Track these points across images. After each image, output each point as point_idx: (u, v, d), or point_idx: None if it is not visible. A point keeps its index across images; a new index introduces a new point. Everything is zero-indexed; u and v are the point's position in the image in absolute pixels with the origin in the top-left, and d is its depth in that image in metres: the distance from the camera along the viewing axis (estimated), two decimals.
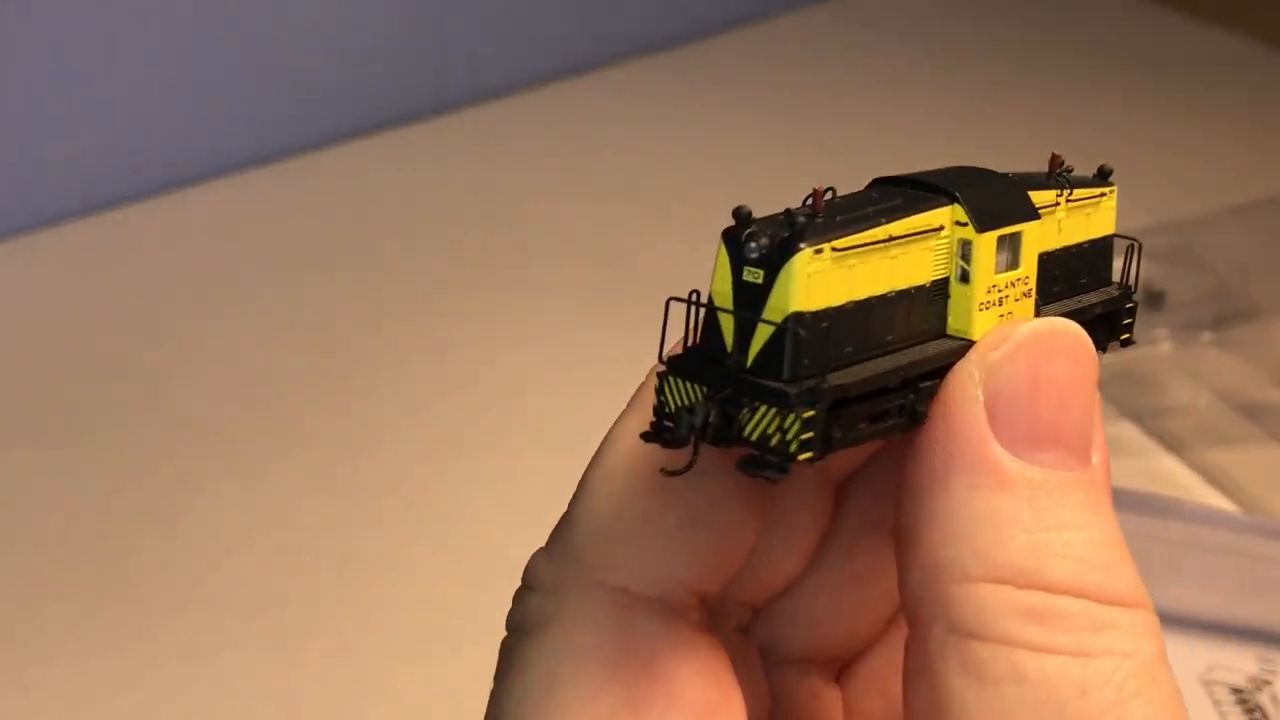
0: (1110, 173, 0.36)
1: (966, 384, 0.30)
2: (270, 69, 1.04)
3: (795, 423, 0.28)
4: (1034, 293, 0.33)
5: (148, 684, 0.64)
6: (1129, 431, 0.76)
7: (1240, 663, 0.62)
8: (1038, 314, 0.33)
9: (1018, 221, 0.32)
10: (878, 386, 0.30)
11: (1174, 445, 0.75)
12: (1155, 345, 0.79)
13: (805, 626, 0.36)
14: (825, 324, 0.29)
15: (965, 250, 0.31)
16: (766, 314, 0.29)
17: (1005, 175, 0.33)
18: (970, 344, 0.31)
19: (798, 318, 0.29)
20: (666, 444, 0.29)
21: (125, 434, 0.78)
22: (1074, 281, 0.35)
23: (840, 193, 0.32)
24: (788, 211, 0.29)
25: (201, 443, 0.78)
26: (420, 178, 1.03)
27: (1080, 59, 1.20)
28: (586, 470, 0.33)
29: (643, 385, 0.32)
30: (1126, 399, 0.77)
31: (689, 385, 0.29)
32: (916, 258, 0.31)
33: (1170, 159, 1.06)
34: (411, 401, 0.81)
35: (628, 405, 0.32)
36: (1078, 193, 0.35)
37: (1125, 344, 0.36)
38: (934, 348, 0.31)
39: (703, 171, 1.04)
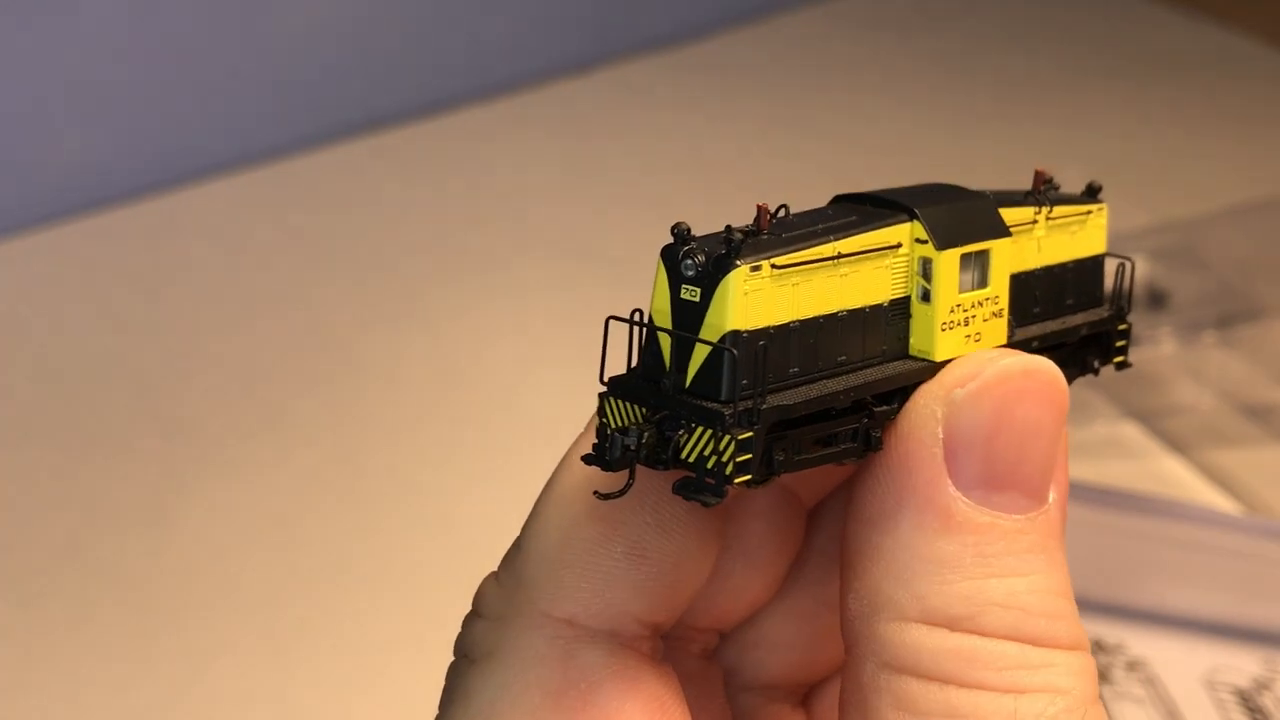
0: (1099, 190, 0.35)
1: (927, 420, 0.29)
2: (270, 69, 1.04)
3: (730, 444, 0.27)
4: (1006, 313, 0.32)
5: (145, 685, 0.64)
6: (1132, 432, 0.76)
7: (1244, 664, 0.62)
8: (1011, 335, 0.32)
9: (985, 239, 0.31)
10: (822, 408, 0.29)
11: (1177, 446, 0.75)
12: (1158, 345, 0.79)
13: (772, 652, 0.36)
14: (764, 343, 0.28)
15: (926, 268, 0.31)
16: (703, 333, 0.28)
17: (977, 192, 0.32)
18: (932, 365, 0.30)
19: (734, 336, 0.28)
20: (606, 467, 0.28)
21: (122, 434, 0.78)
22: (1059, 302, 0.34)
23: (807, 207, 0.31)
24: (728, 228, 0.28)
25: (200, 443, 0.78)
26: (420, 178, 1.03)
27: (1080, 59, 1.20)
28: (540, 495, 0.32)
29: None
30: (1130, 399, 0.77)
31: (629, 406, 0.29)
32: (871, 276, 0.30)
33: (1171, 159, 1.05)
34: (409, 401, 0.81)
35: (583, 430, 0.32)
36: (1059, 210, 0.34)
37: (1120, 367, 0.35)
38: (892, 369, 0.30)
39: (703, 171, 1.04)
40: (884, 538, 0.29)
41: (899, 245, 0.30)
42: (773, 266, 0.28)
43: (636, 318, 0.29)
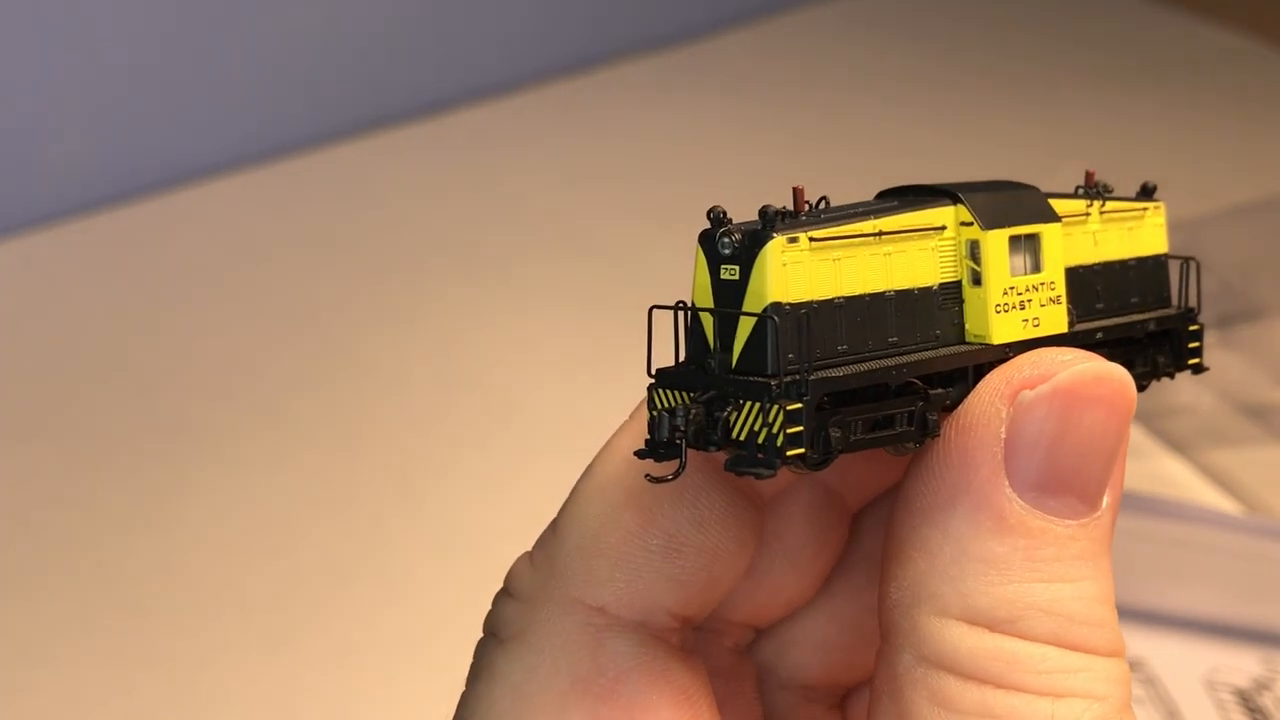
0: (1153, 189, 0.35)
1: (991, 418, 0.29)
2: (270, 69, 1.04)
3: (779, 415, 0.27)
4: (1064, 300, 0.32)
5: (145, 685, 0.64)
6: (1132, 432, 0.76)
7: (1244, 664, 0.62)
8: (1072, 325, 0.32)
9: (1033, 223, 0.31)
10: (873, 383, 0.29)
11: (1178, 446, 0.75)
12: None
13: (811, 652, 0.35)
14: (806, 314, 0.28)
15: (974, 251, 0.31)
16: (745, 307, 0.28)
17: (1022, 184, 0.32)
18: (989, 348, 0.30)
19: (776, 307, 0.28)
20: (658, 457, 0.28)
21: (122, 434, 0.78)
22: (1123, 299, 0.33)
23: (837, 200, 0.31)
24: (763, 209, 0.29)
25: (200, 443, 0.78)
26: (420, 178, 1.03)
27: (1081, 59, 1.20)
28: (579, 480, 0.32)
29: (643, 400, 0.33)
30: None
31: (677, 394, 0.29)
32: (917, 257, 0.30)
33: (1171, 159, 1.05)
34: (410, 402, 0.81)
35: (628, 418, 0.32)
36: (1112, 205, 0.34)
37: (1196, 370, 0.34)
38: (947, 353, 0.30)
39: (704, 170, 1.04)
40: (933, 530, 0.29)
41: (943, 228, 0.31)
42: (810, 239, 0.29)
43: (680, 306, 0.29)
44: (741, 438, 0.28)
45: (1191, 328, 0.34)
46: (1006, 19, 1.26)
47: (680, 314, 0.29)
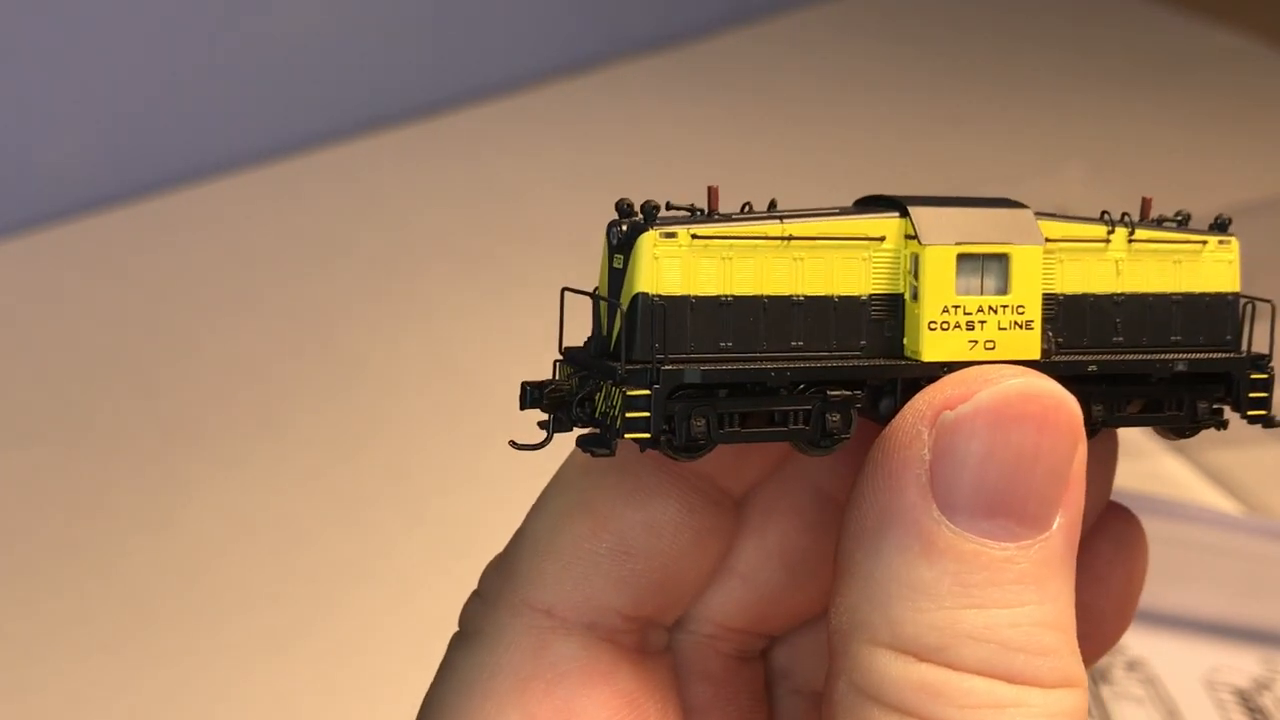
0: (1228, 224, 0.34)
1: (914, 440, 0.28)
2: (270, 69, 1.04)
3: (620, 399, 0.28)
4: (1038, 325, 0.30)
5: (145, 685, 0.63)
6: (1132, 432, 0.76)
7: (1243, 664, 0.62)
8: (1048, 353, 0.31)
9: (999, 242, 0.30)
10: (734, 381, 0.29)
11: (1178, 446, 0.75)
12: None
13: (821, 661, 0.35)
14: (676, 307, 0.28)
15: (915, 265, 0.30)
16: (624, 295, 0.29)
17: (1018, 203, 0.31)
18: (916, 364, 0.30)
19: (642, 298, 0.29)
20: (560, 427, 0.29)
21: (122, 434, 0.78)
22: (1155, 335, 0.32)
23: (807, 206, 0.31)
24: (646, 204, 0.29)
25: (200, 443, 0.78)
26: (420, 177, 1.03)
27: (1080, 59, 1.20)
28: (546, 486, 0.33)
29: None
30: None
31: (571, 372, 0.30)
32: (842, 265, 0.30)
33: (1170, 159, 1.05)
34: (409, 400, 0.81)
35: None
36: (1148, 234, 0.32)
37: (1256, 421, 0.32)
38: (858, 361, 0.30)
39: (703, 171, 1.04)
40: (866, 556, 0.28)
41: (882, 239, 0.30)
42: (693, 236, 0.29)
43: (594, 293, 0.30)
44: (598, 416, 0.29)
45: (1256, 375, 0.32)
46: (1007, 19, 1.26)
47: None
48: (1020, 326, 0.30)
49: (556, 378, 0.30)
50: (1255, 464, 0.74)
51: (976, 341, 0.30)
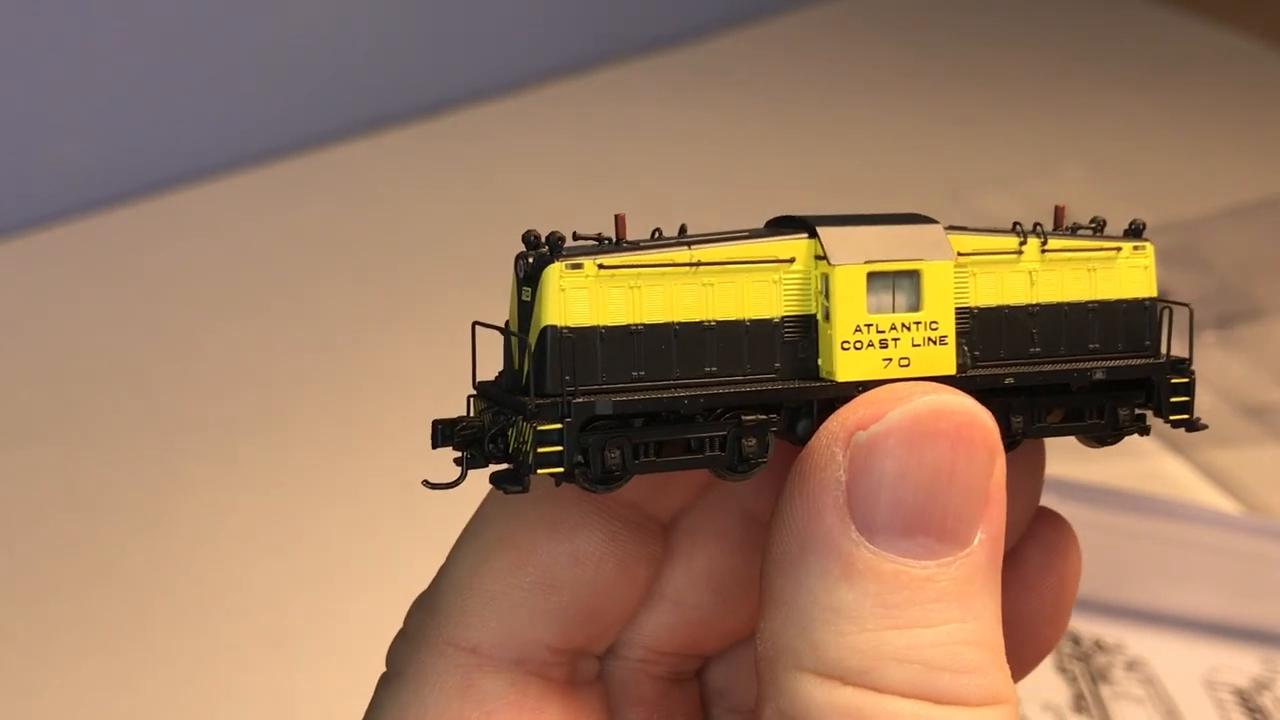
0: (1141, 229, 0.33)
1: (829, 463, 0.28)
2: (270, 69, 1.04)
3: (530, 434, 0.28)
4: (951, 341, 0.30)
5: (145, 685, 0.64)
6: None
7: (1243, 664, 0.62)
8: (964, 368, 0.31)
9: (909, 259, 0.30)
10: (647, 411, 0.29)
11: (1177, 446, 0.75)
12: None
13: (754, 679, 0.36)
14: (585, 339, 0.29)
15: (825, 285, 0.30)
16: (533, 328, 0.29)
17: (928, 219, 0.31)
18: (829, 385, 0.30)
19: (551, 330, 0.28)
20: (475, 464, 0.29)
21: (122, 434, 0.78)
22: (1073, 344, 0.32)
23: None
24: (551, 235, 0.29)
25: (200, 443, 0.78)
26: (420, 177, 1.03)
27: (1080, 59, 1.20)
28: (468, 522, 0.33)
29: None
30: None
31: (484, 407, 0.30)
32: (752, 289, 0.30)
33: (1170, 159, 1.05)
34: (409, 400, 0.81)
35: None
36: (1061, 243, 0.32)
37: (1189, 427, 0.32)
38: (772, 384, 0.30)
39: (703, 171, 1.04)
40: (787, 581, 0.28)
41: (791, 260, 0.30)
42: (599, 267, 0.29)
43: (505, 329, 0.30)
44: (511, 451, 0.29)
45: (1176, 380, 0.32)
46: (1007, 19, 1.26)
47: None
48: (934, 342, 0.30)
49: (470, 413, 0.30)
50: (1255, 464, 0.74)
51: (891, 359, 0.30)
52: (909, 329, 0.30)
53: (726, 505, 0.34)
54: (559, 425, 0.28)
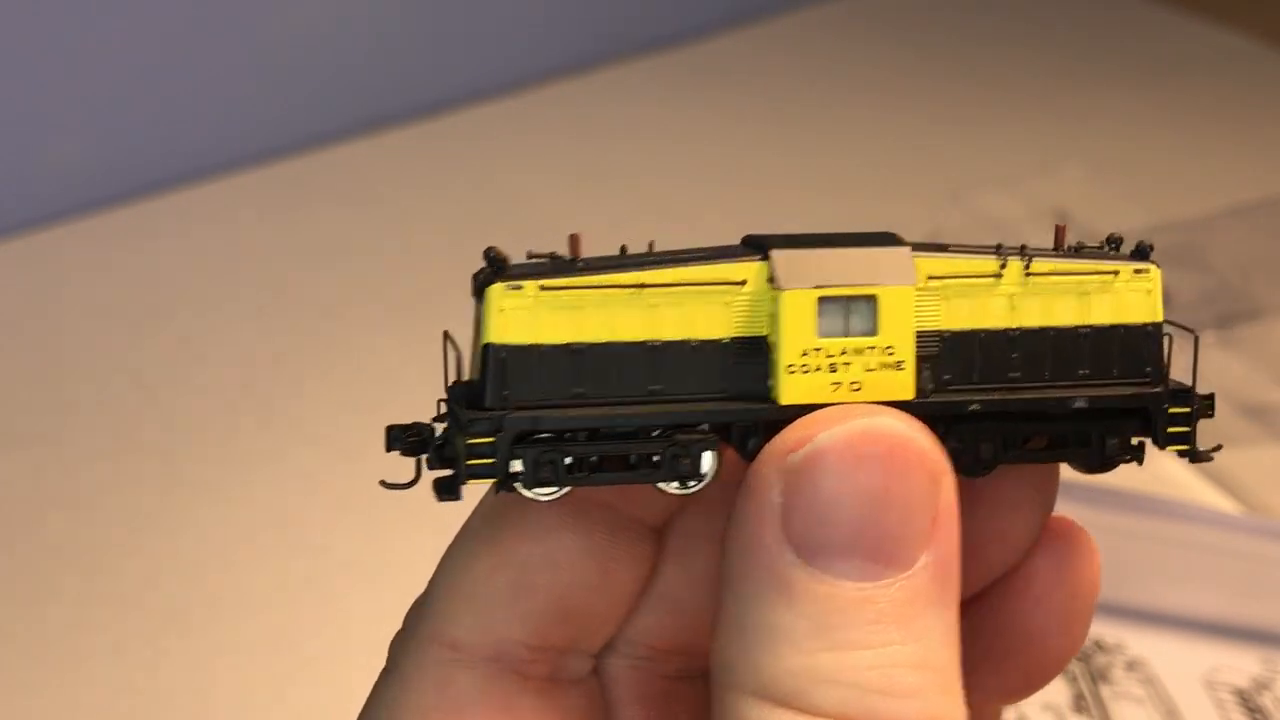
0: (1149, 251, 0.32)
1: (764, 485, 0.28)
2: (270, 69, 1.04)
3: (463, 447, 0.29)
4: (910, 366, 0.30)
5: (145, 685, 0.64)
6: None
7: (1243, 664, 0.62)
8: (924, 393, 0.30)
9: (864, 284, 0.30)
10: (581, 428, 0.29)
11: None
12: None
13: None
14: (524, 356, 0.30)
15: (774, 308, 0.30)
16: (477, 346, 0.30)
17: (894, 240, 0.31)
18: (771, 408, 0.30)
19: (491, 348, 0.30)
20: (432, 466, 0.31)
21: (122, 434, 0.78)
22: (1060, 371, 0.31)
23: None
24: (492, 254, 0.30)
25: (200, 443, 0.78)
26: (420, 178, 1.03)
27: (1080, 59, 1.20)
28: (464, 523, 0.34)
29: None
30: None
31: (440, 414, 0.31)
32: (701, 310, 0.30)
33: (1170, 159, 1.05)
34: (410, 402, 0.80)
35: None
36: (1047, 265, 0.31)
37: (1191, 458, 0.31)
38: (713, 405, 0.30)
39: (703, 171, 1.04)
40: (732, 601, 0.28)
41: (743, 282, 0.30)
42: (541, 288, 0.30)
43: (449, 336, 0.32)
44: (454, 460, 0.30)
45: (1174, 410, 0.31)
46: (1007, 19, 1.26)
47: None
48: (890, 367, 0.30)
49: (440, 413, 0.31)
50: (1255, 464, 0.74)
51: (840, 383, 0.30)
52: (861, 353, 0.30)
53: (722, 509, 0.34)
54: (490, 440, 0.29)
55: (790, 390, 0.30)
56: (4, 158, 0.95)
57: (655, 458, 0.30)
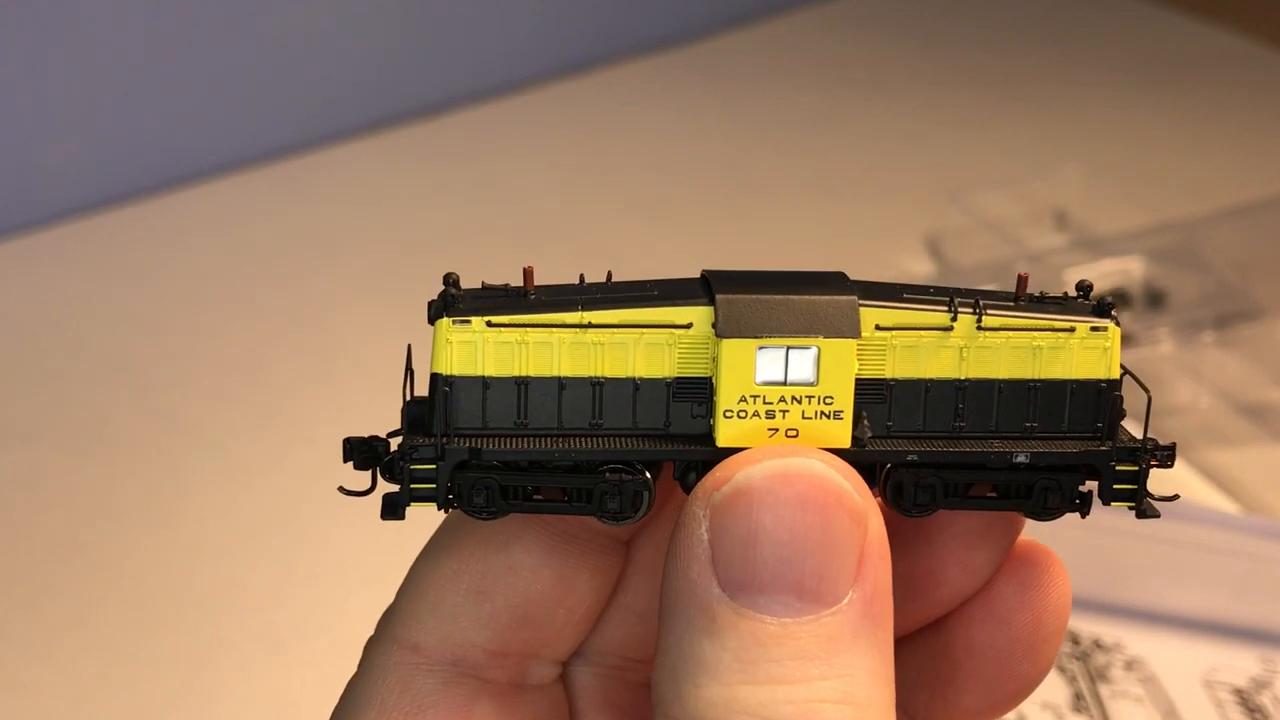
0: (1109, 307, 0.32)
1: (691, 522, 0.29)
2: (270, 69, 1.04)
3: (407, 471, 0.31)
4: (847, 415, 0.30)
5: (145, 685, 0.64)
6: (1131, 432, 0.76)
7: (1242, 663, 0.62)
8: (862, 442, 0.30)
9: (805, 335, 0.30)
10: (519, 459, 0.30)
11: (1177, 446, 0.75)
12: (1156, 345, 0.79)
13: None
14: (469, 387, 0.31)
15: (717, 352, 0.30)
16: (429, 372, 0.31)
17: (849, 289, 0.31)
18: (702, 449, 0.30)
19: (437, 378, 0.31)
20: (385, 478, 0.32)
21: (122, 434, 0.78)
22: (1007, 420, 0.31)
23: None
24: (450, 281, 0.32)
25: (200, 443, 0.78)
26: (420, 178, 1.03)
27: (1080, 59, 1.20)
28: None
29: None
30: (1127, 399, 0.77)
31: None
32: (645, 351, 0.31)
33: (1170, 159, 1.06)
34: None
35: None
36: (999, 320, 0.31)
37: (1139, 514, 0.31)
38: (648, 442, 0.31)
39: (703, 171, 1.04)
40: (666, 632, 0.29)
41: (689, 325, 0.31)
42: (488, 323, 0.31)
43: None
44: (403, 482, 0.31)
45: (1122, 467, 0.31)
46: (1007, 19, 1.26)
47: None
48: (828, 416, 0.30)
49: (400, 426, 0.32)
50: (1254, 464, 0.74)
51: (777, 429, 0.30)
52: (800, 402, 0.30)
53: None
54: (432, 466, 0.31)
55: (727, 434, 0.30)
56: (4, 158, 0.95)
57: (583, 493, 0.31)
